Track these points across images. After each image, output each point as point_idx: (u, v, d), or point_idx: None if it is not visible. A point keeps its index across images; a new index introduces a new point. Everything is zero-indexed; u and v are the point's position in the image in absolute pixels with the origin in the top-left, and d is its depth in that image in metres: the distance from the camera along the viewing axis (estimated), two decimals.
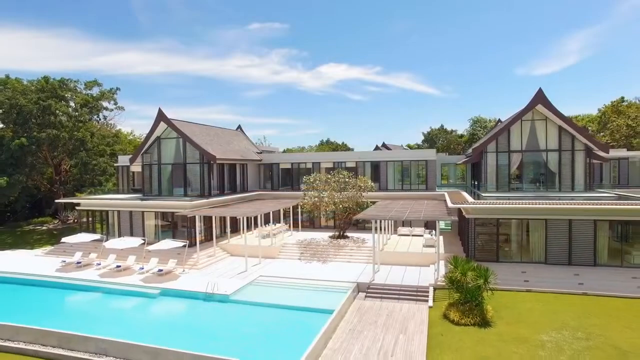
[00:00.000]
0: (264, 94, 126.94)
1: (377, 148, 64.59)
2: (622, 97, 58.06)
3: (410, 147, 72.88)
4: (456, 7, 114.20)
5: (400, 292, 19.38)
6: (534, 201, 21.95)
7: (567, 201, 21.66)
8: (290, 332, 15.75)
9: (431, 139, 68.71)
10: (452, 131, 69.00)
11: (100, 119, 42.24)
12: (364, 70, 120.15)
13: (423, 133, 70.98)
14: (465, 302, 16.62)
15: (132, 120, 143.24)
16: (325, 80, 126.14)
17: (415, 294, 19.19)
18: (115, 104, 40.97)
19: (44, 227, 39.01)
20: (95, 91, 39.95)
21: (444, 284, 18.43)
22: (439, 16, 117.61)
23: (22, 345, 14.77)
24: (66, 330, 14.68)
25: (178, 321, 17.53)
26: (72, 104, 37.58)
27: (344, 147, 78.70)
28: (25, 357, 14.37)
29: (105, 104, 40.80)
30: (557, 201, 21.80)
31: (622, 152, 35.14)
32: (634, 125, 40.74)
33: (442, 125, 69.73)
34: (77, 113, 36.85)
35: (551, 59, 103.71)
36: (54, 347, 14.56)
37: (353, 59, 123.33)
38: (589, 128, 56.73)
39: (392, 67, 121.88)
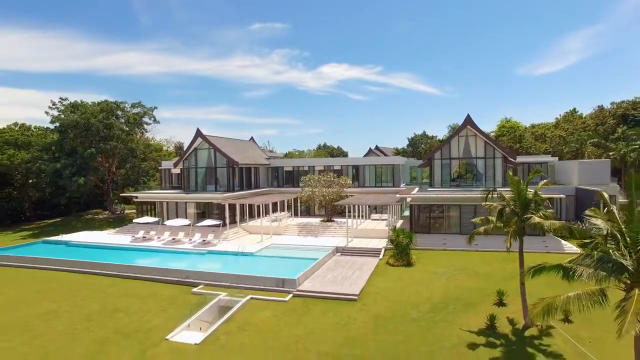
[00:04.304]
0: (265, 94, 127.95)
1: (369, 151, 75.45)
2: (574, 109, 68.51)
3: (397, 150, 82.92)
4: (456, 7, 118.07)
5: (363, 252, 30.01)
6: (458, 194, 32.51)
7: (474, 194, 32.23)
8: (292, 268, 26.27)
9: (414, 144, 79.03)
10: (432, 137, 79.35)
11: (142, 132, 53.27)
12: (365, 70, 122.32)
13: (408, 138, 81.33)
14: (398, 253, 27.23)
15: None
16: (326, 80, 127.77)
17: (372, 252, 29.81)
18: (154, 119, 51.84)
19: (100, 217, 49.93)
20: (138, 110, 50.76)
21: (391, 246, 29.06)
22: (439, 16, 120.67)
23: (133, 274, 25.60)
24: (160, 266, 25.46)
25: (223, 265, 28.22)
26: (122, 120, 48.42)
27: (339, 151, 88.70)
28: (137, 281, 25.03)
29: (145, 119, 51.63)
30: (469, 193, 32.38)
31: (547, 158, 45.73)
32: (564, 136, 51.25)
33: (424, 132, 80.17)
34: (127, 128, 47.76)
35: (552, 59, 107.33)
36: (154, 276, 25.25)
37: (354, 59, 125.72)
38: (546, 134, 67.13)
39: (393, 67, 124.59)
